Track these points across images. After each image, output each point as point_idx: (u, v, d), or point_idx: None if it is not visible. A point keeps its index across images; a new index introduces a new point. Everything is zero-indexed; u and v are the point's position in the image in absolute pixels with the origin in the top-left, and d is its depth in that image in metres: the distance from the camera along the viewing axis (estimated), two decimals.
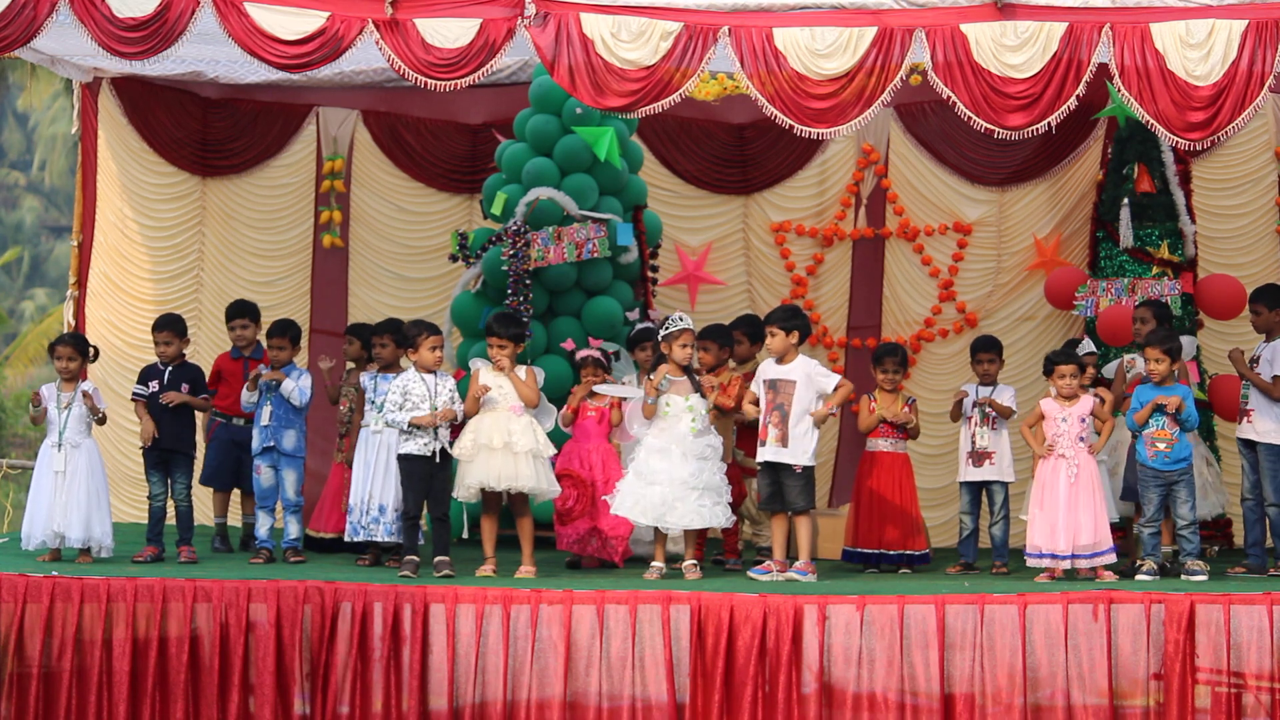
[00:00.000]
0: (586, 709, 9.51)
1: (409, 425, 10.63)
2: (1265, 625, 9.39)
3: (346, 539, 11.37)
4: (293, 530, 11.45)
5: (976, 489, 11.59)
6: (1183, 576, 10.44)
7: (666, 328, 10.95)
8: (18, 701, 9.65)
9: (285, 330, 11.68)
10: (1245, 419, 11.17)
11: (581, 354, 11.72)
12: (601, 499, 11.09)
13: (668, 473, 10.68)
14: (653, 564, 10.78)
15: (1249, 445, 11.20)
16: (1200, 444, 11.82)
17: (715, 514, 10.71)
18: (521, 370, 10.88)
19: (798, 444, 10.65)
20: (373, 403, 11.25)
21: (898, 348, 11.83)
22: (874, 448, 11.60)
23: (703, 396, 10.83)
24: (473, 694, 9.59)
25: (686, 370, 10.87)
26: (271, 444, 11.48)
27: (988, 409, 11.43)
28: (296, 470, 11.54)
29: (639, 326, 12.28)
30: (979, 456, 11.49)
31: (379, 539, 11.16)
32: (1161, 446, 10.59)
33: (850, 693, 9.46)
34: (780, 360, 10.79)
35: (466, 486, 10.76)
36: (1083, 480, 10.54)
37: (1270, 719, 9.35)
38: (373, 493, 11.18)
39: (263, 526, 11.50)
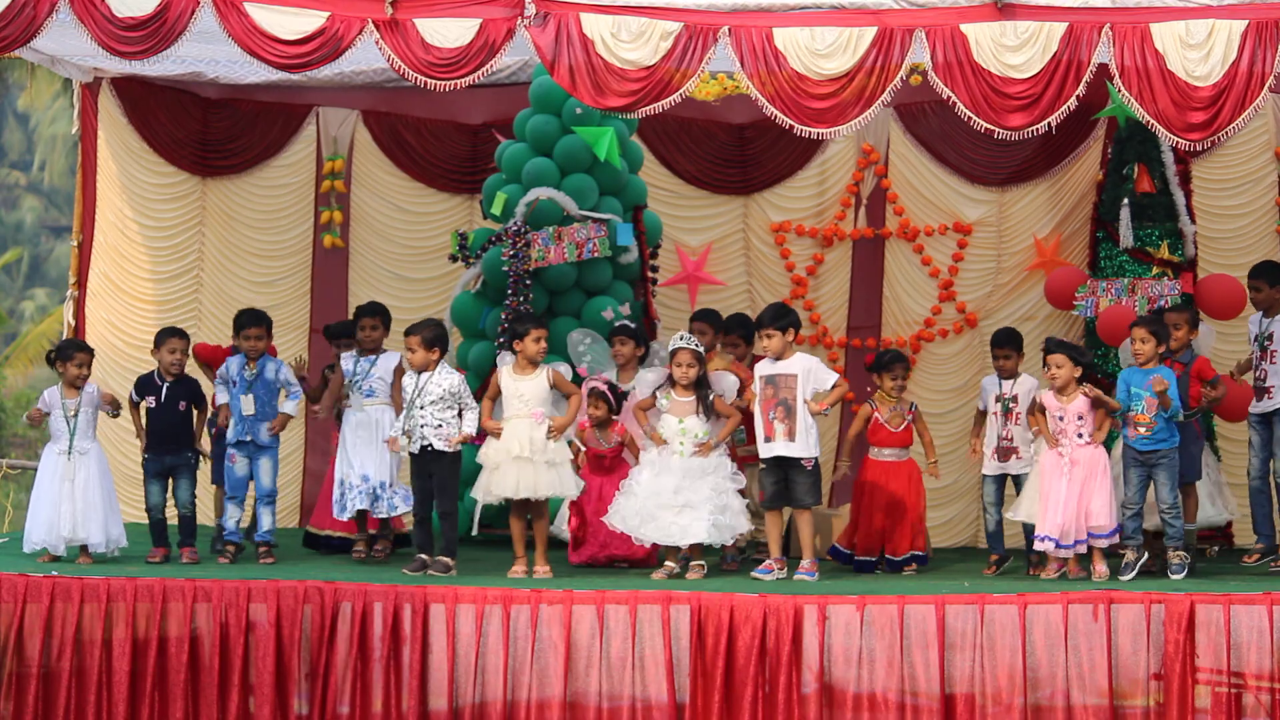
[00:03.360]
0: (586, 709, 9.52)
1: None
2: (1265, 625, 9.40)
3: (335, 515, 11.40)
4: (265, 522, 11.33)
5: (1001, 480, 11.56)
6: (1170, 574, 10.44)
7: (668, 346, 10.97)
8: (17, 701, 9.65)
9: (259, 319, 11.55)
10: (1266, 395, 11.14)
11: (589, 385, 11.60)
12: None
13: (649, 486, 10.69)
14: (665, 563, 10.78)
15: (1265, 421, 11.17)
16: (1207, 450, 11.79)
17: (690, 531, 10.62)
18: (546, 373, 10.82)
19: (805, 437, 10.67)
20: (358, 386, 11.34)
21: (904, 354, 11.90)
22: (878, 456, 11.59)
23: (708, 418, 10.75)
24: (473, 694, 9.59)
25: (698, 389, 10.79)
26: (249, 438, 11.33)
27: (1010, 403, 11.40)
28: (273, 459, 11.42)
29: (617, 324, 12.18)
30: (1004, 452, 11.42)
31: (383, 515, 11.25)
32: (1143, 430, 10.59)
33: (850, 693, 9.47)
34: (778, 357, 10.80)
35: (488, 492, 10.75)
36: (1079, 473, 10.54)
37: (1270, 719, 9.36)
38: (369, 473, 11.23)
39: (231, 519, 11.34)
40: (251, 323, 11.50)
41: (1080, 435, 10.60)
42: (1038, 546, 10.70)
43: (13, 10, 10.46)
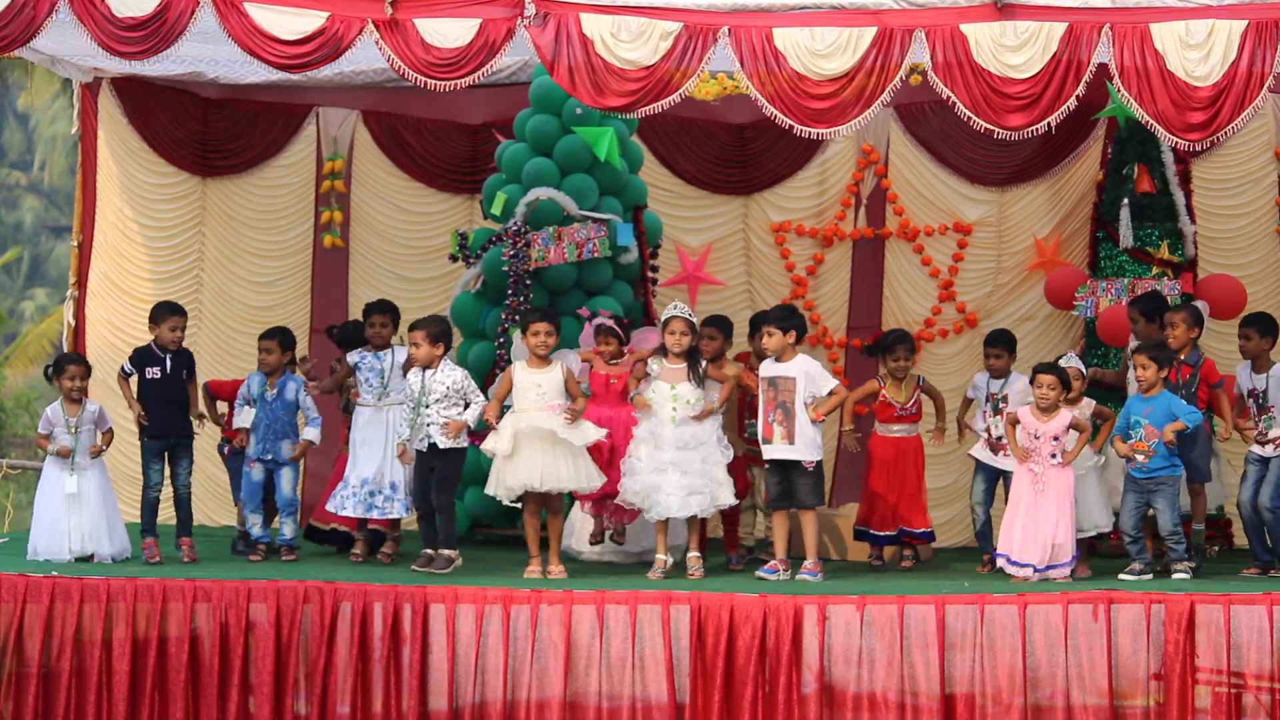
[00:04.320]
0: (586, 709, 9.52)
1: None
2: (1265, 625, 9.41)
3: (336, 509, 11.34)
4: (288, 531, 11.38)
5: (992, 480, 11.60)
6: (1173, 576, 10.47)
7: (662, 316, 10.99)
8: (17, 701, 9.65)
9: (273, 333, 11.62)
10: (1272, 445, 10.96)
11: (596, 322, 11.55)
12: (618, 462, 11.02)
13: (647, 459, 10.72)
14: (656, 557, 10.78)
15: (1264, 462, 11.07)
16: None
17: (690, 503, 10.67)
18: (561, 366, 10.82)
19: (805, 440, 10.68)
20: (367, 381, 11.34)
21: (908, 334, 12.03)
22: (886, 433, 11.69)
23: (699, 385, 10.80)
24: (473, 694, 9.60)
25: (689, 357, 10.83)
26: (269, 456, 11.39)
27: (1000, 402, 11.46)
28: (294, 469, 11.49)
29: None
30: (994, 446, 11.54)
31: (393, 516, 11.24)
32: (1140, 459, 10.60)
33: (850, 693, 9.48)
34: (779, 359, 10.82)
35: (508, 488, 10.68)
36: (1049, 494, 10.56)
37: (1270, 719, 9.36)
38: (383, 471, 11.22)
39: (254, 527, 11.40)
40: (264, 335, 11.68)
41: (1054, 456, 10.60)
42: (1000, 564, 10.74)
43: (12, 10, 10.46)
